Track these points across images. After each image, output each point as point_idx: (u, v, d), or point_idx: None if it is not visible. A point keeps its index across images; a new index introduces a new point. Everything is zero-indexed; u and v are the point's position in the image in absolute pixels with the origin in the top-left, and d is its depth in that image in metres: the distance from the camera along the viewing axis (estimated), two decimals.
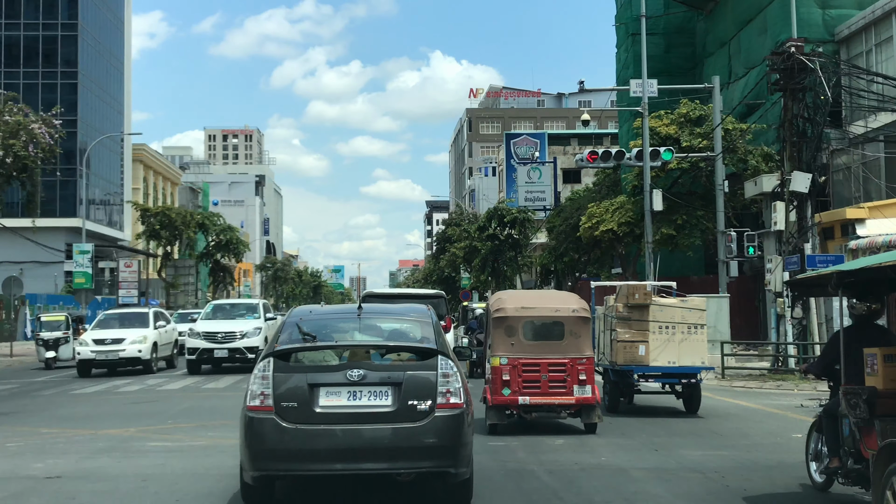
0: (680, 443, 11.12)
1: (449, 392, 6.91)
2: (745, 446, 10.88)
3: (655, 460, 9.87)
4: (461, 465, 7.00)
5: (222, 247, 74.54)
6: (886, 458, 5.95)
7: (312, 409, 6.79)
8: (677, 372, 13.66)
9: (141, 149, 74.84)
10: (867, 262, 7.04)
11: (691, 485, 8.52)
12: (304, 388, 6.82)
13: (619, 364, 13.78)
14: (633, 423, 13.00)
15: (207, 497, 7.98)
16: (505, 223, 51.04)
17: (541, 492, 8.16)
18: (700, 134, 27.59)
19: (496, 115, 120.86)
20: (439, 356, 7.07)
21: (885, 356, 6.78)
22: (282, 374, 6.91)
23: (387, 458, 6.80)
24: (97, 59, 65.29)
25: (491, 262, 51.48)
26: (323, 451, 6.74)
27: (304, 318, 7.74)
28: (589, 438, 11.53)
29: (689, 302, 14.10)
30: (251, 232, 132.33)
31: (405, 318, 7.98)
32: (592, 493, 8.06)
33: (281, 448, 6.72)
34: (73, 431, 12.49)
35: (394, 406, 6.82)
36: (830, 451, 7.69)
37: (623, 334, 13.71)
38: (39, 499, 8.17)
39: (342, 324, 7.82)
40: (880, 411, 6.66)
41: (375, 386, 6.87)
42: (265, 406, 6.80)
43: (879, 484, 6.00)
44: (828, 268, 8.16)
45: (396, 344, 7.43)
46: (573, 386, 11.62)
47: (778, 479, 8.84)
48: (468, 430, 7.07)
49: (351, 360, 7.12)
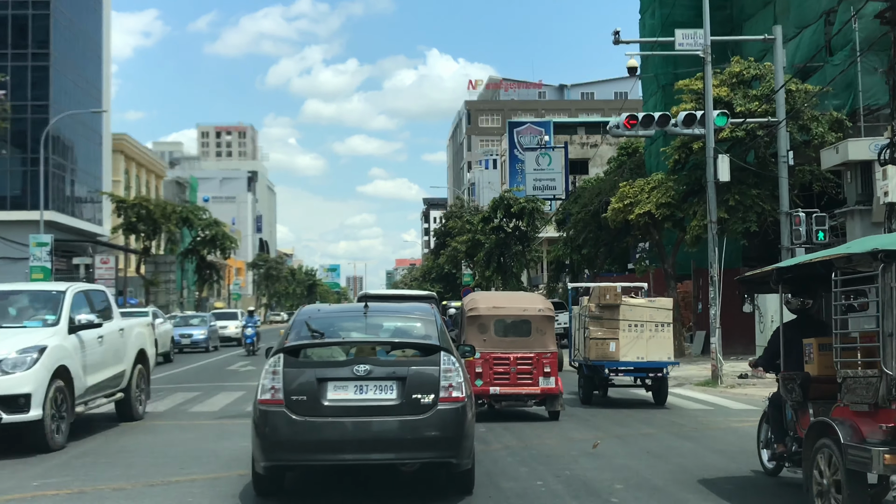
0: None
1: (451, 386, 7.24)
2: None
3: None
4: (463, 456, 7.32)
5: (208, 242, 69.83)
6: (815, 434, 6.61)
7: (321, 402, 7.10)
8: (645, 367, 14.69)
9: (122, 139, 70.00)
10: (802, 258, 7.72)
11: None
12: (313, 382, 7.14)
13: (591, 359, 14.83)
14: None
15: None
16: (512, 213, 46.36)
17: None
18: (756, 97, 22.86)
19: (496, 107, 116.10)
20: (442, 352, 7.45)
21: (819, 345, 7.39)
22: (291, 370, 7.21)
23: (392, 448, 7.15)
24: (72, 40, 60.48)
25: (496, 256, 46.76)
26: (331, 442, 7.04)
27: (312, 316, 8.06)
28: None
29: (657, 302, 15.26)
30: (243, 229, 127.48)
31: (409, 316, 8.34)
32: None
33: (291, 439, 7.04)
34: None
35: (398, 400, 7.15)
36: (776, 438, 8.11)
37: (595, 332, 14.72)
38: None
39: (349, 322, 8.16)
40: (813, 395, 7.36)
41: (381, 380, 7.20)
42: (276, 399, 7.11)
43: (809, 459, 6.69)
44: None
45: (401, 340, 7.72)
46: (539, 378, 12.65)
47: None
48: (470, 423, 7.39)
49: (357, 356, 7.44)
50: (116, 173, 68.73)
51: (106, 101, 68.37)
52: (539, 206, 45.81)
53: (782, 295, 7.95)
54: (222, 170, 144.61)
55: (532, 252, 48.10)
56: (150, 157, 77.18)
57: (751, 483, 8.42)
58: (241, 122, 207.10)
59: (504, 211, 46.24)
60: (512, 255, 46.63)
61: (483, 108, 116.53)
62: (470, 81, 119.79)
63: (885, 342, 5.90)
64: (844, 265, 6.43)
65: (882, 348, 5.93)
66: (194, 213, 67.86)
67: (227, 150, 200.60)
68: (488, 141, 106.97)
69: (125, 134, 71.12)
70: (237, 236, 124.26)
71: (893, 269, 5.89)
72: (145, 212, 53.67)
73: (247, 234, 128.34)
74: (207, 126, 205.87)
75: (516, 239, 47.19)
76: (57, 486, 8.24)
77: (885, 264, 5.91)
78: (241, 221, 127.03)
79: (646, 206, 24.40)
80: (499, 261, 46.69)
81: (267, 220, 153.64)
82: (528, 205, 45.49)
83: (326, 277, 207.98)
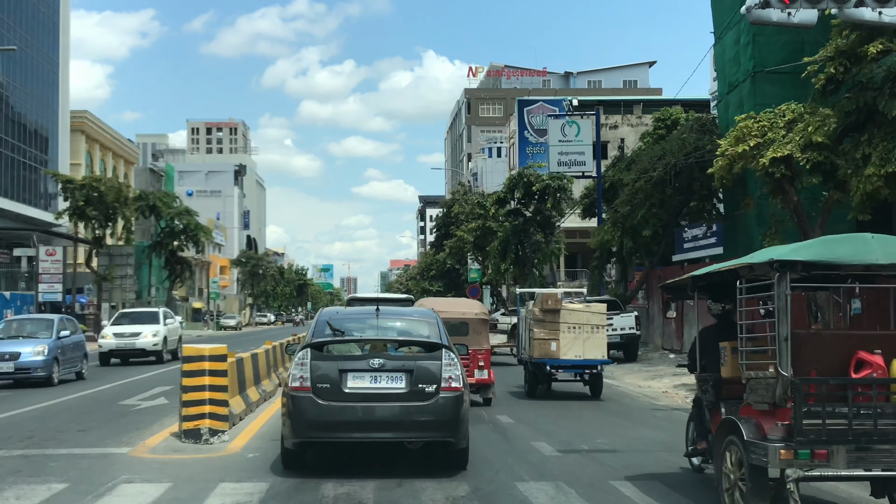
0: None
1: (451, 378, 8.37)
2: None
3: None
4: (460, 436, 8.49)
5: (178, 234, 60.77)
6: (724, 432, 6.89)
7: (342, 389, 8.24)
8: (582, 364, 16.10)
9: (82, 117, 60.94)
10: (713, 268, 7.80)
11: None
12: (335, 372, 8.30)
13: (535, 357, 16.28)
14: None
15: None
16: (532, 194, 37.51)
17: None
18: None
19: (498, 95, 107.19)
20: (443, 349, 8.61)
21: (732, 349, 7.39)
22: (317, 362, 8.34)
23: (400, 429, 8.31)
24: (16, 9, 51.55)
25: (514, 246, 37.93)
26: (350, 422, 8.20)
27: (332, 317, 9.31)
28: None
29: (593, 307, 17.06)
30: (229, 225, 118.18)
31: (415, 319, 9.63)
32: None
33: (317, 420, 8.17)
34: None
35: (406, 388, 8.28)
36: (698, 436, 8.39)
37: (539, 333, 16.17)
38: None
39: (364, 322, 9.30)
40: (726, 395, 7.53)
41: (392, 372, 8.32)
42: (304, 387, 8.23)
43: (719, 454, 6.95)
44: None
45: (409, 339, 8.99)
46: (475, 370, 14.34)
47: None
48: (466, 409, 8.54)
49: (372, 351, 8.69)
50: (76, 156, 59.70)
51: (64, 77, 59.45)
52: (566, 184, 37.01)
53: (697, 301, 8.29)
54: (208, 163, 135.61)
55: (555, 242, 39.31)
56: (117, 140, 68.02)
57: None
58: (231, 118, 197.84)
59: (523, 190, 37.42)
60: (532, 244, 37.80)
61: (484, 97, 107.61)
62: (470, 69, 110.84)
63: (781, 346, 6.22)
64: (748, 274, 6.69)
65: (778, 352, 6.24)
66: (163, 201, 58.90)
67: (218, 147, 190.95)
68: (489, 131, 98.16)
69: (86, 111, 62.03)
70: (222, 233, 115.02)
71: (788, 278, 6.21)
72: (97, 194, 44.73)
73: (233, 230, 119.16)
74: (197, 122, 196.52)
75: (537, 225, 38.35)
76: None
77: (780, 273, 6.23)
78: (226, 217, 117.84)
79: (782, 148, 15.54)
80: (516, 252, 37.86)
81: (256, 217, 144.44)
82: (552, 182, 36.67)
83: (319, 278, 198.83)
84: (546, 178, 36.78)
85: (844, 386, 6.21)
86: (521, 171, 38.70)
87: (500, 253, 38.11)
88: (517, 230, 38.14)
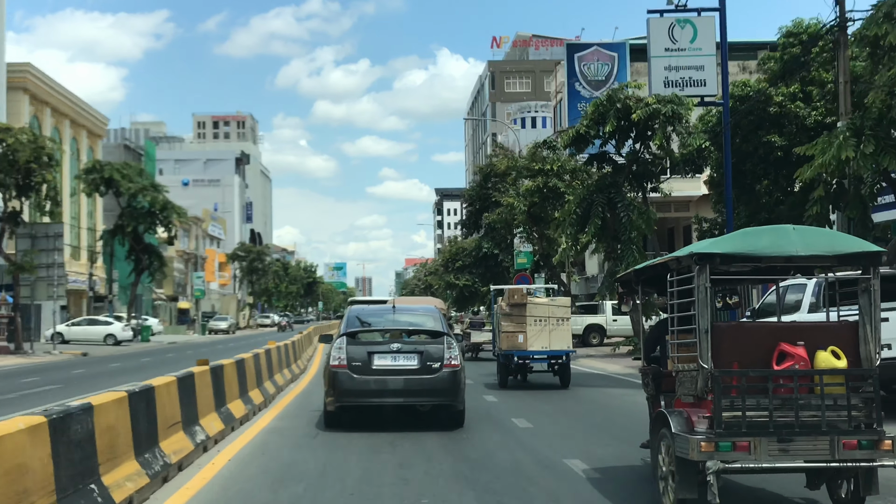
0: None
1: (451, 357, 11.05)
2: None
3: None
4: (459, 402, 11.17)
5: (143, 215, 47.59)
6: (658, 424, 6.81)
7: (371, 366, 10.98)
8: (548, 355, 17.03)
9: (24, 70, 47.84)
10: (653, 261, 7.52)
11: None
12: (365, 354, 11.06)
13: (503, 349, 17.33)
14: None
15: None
16: (629, 128, 24.17)
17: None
18: None
19: (525, 68, 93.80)
20: (446, 336, 11.33)
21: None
22: (351, 346, 11.15)
23: (414, 395, 11.08)
24: None
25: (600, 208, 24.45)
26: (376, 391, 10.98)
27: (359, 314, 12.17)
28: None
29: (557, 301, 18.27)
30: (229, 218, 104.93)
31: (422, 314, 12.36)
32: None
33: (352, 389, 10.98)
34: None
35: (418, 365, 11.00)
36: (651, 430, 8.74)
37: (507, 326, 17.19)
38: None
39: (384, 316, 12.14)
40: (665, 388, 7.33)
41: (407, 353, 11.06)
42: (342, 365, 10.99)
43: (654, 446, 6.89)
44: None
45: (419, 328, 11.70)
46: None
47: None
48: (463, 381, 11.21)
49: (392, 338, 11.44)
50: (16, 119, 46.44)
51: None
52: (684, 110, 23.62)
53: (640, 295, 8.06)
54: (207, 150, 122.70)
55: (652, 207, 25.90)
56: (76, 105, 54.72)
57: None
58: (238, 111, 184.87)
59: (614, 122, 24.00)
60: (627, 207, 24.35)
61: (510, 70, 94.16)
62: (494, 38, 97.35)
63: (701, 338, 6.13)
64: (678, 266, 6.64)
65: (699, 344, 6.15)
66: (122, 173, 45.74)
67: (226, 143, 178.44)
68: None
69: (28, 63, 48.80)
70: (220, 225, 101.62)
71: (707, 270, 6.16)
72: (7, 152, 31.72)
73: (233, 222, 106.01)
74: (204, 115, 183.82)
75: (634, 179, 24.95)
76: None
77: (700, 266, 6.18)
78: (226, 208, 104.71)
79: None
80: (602, 216, 24.37)
81: (261, 210, 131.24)
82: (664, 107, 23.24)
83: (332, 277, 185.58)
84: (653, 100, 23.33)
85: (765, 378, 6.05)
86: (609, 93, 25.14)
87: (578, 220, 24.64)
88: (604, 185, 24.71)
